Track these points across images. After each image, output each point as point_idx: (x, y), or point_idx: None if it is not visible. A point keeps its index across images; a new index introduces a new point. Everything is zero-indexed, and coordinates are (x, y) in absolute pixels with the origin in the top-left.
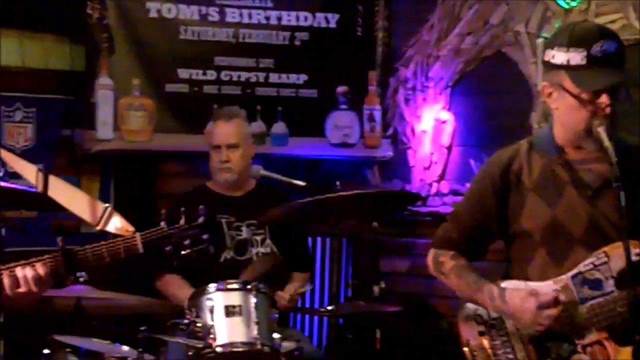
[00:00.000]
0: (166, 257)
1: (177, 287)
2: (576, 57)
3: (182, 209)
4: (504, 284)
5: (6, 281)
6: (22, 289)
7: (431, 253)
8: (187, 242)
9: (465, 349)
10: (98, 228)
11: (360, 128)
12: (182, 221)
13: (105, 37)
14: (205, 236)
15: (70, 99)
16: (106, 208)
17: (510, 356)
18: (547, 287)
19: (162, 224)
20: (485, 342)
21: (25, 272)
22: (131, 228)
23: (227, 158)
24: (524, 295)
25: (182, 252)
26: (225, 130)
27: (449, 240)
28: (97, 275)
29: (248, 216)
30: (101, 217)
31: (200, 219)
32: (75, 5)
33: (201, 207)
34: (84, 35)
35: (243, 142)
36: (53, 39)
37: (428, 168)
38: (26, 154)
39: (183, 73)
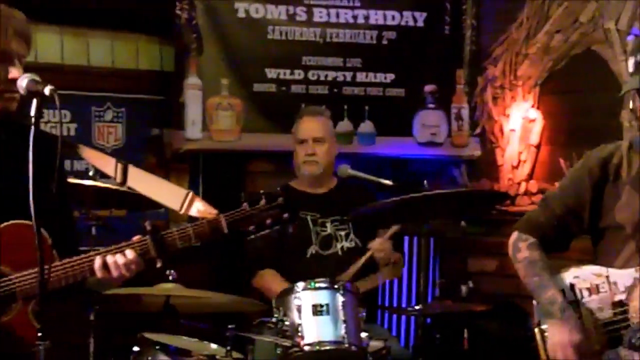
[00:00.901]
0: (247, 236)
1: (272, 281)
2: (633, 64)
3: (262, 191)
4: (582, 268)
5: (97, 267)
6: (113, 274)
7: (514, 234)
8: (268, 221)
9: (536, 329)
10: (182, 212)
11: (448, 127)
12: (262, 202)
13: (194, 38)
14: (285, 215)
15: (159, 99)
16: (188, 193)
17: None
18: (627, 275)
19: (244, 205)
20: None
21: (115, 258)
22: (214, 211)
23: (313, 151)
24: (577, 331)
25: (264, 232)
26: (312, 125)
27: (535, 225)
28: (185, 270)
29: (332, 212)
30: (183, 202)
31: (280, 199)
32: (164, 6)
33: (278, 188)
34: (173, 35)
35: (329, 137)
36: (143, 39)
37: (516, 167)
38: (116, 153)
39: (271, 73)
